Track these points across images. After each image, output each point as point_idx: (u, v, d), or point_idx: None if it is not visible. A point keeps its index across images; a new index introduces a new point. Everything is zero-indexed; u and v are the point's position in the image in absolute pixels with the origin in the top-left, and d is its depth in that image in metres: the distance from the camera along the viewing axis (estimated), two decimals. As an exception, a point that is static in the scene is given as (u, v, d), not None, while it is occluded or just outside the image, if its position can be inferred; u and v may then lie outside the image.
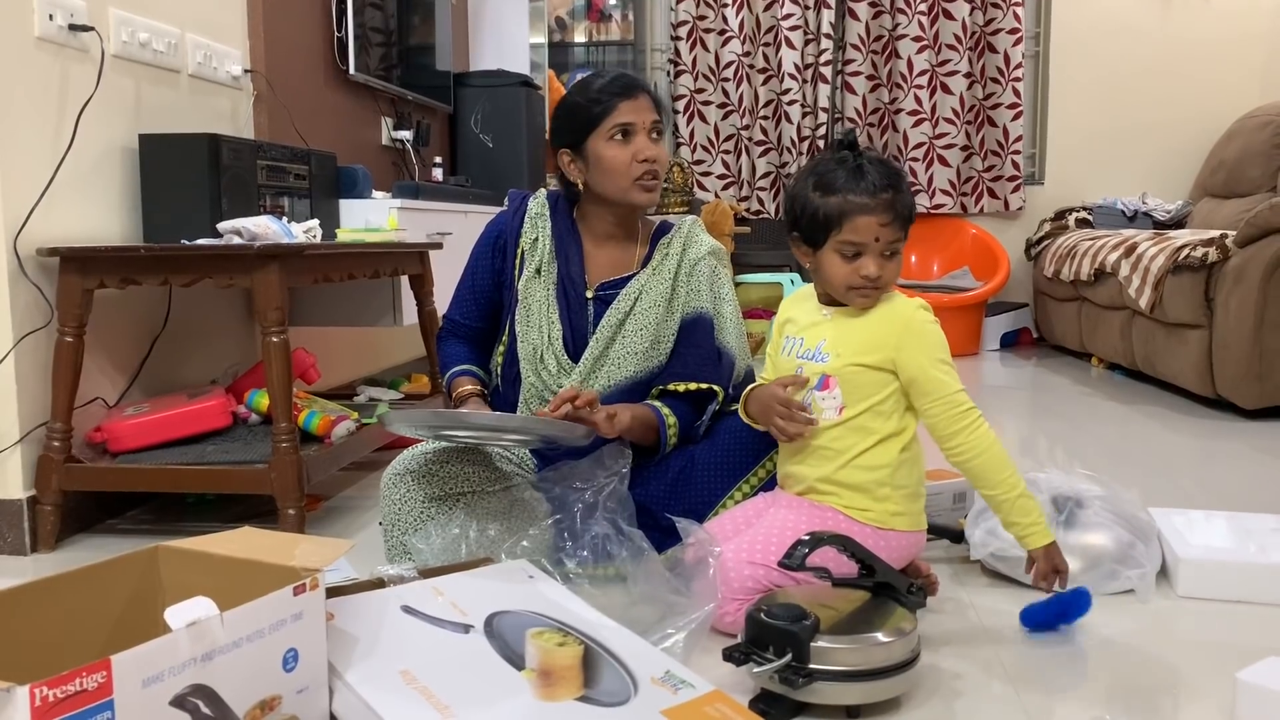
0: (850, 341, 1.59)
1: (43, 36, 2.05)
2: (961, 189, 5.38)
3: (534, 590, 1.42)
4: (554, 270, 1.91)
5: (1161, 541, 1.82)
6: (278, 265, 2.01)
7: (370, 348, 3.57)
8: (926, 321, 1.60)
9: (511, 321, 1.90)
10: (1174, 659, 1.53)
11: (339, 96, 3.34)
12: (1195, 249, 3.40)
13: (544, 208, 1.97)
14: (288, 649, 1.11)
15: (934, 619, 1.64)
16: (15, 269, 1.99)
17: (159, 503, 2.37)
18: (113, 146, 2.26)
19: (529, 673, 1.21)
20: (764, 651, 1.30)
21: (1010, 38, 5.18)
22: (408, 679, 1.17)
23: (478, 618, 1.30)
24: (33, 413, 2.05)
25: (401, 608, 1.30)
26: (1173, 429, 3.19)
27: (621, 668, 1.23)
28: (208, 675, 1.02)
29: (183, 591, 1.21)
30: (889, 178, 1.56)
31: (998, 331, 5.20)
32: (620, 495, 1.70)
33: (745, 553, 1.54)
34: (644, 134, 1.83)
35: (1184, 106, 5.22)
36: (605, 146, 1.83)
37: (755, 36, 5.35)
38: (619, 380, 1.86)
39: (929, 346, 1.59)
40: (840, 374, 1.59)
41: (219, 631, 1.03)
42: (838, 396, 1.59)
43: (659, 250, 1.93)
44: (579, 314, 1.90)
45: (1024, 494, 1.55)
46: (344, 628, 1.24)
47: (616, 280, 1.91)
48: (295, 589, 1.11)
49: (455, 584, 1.39)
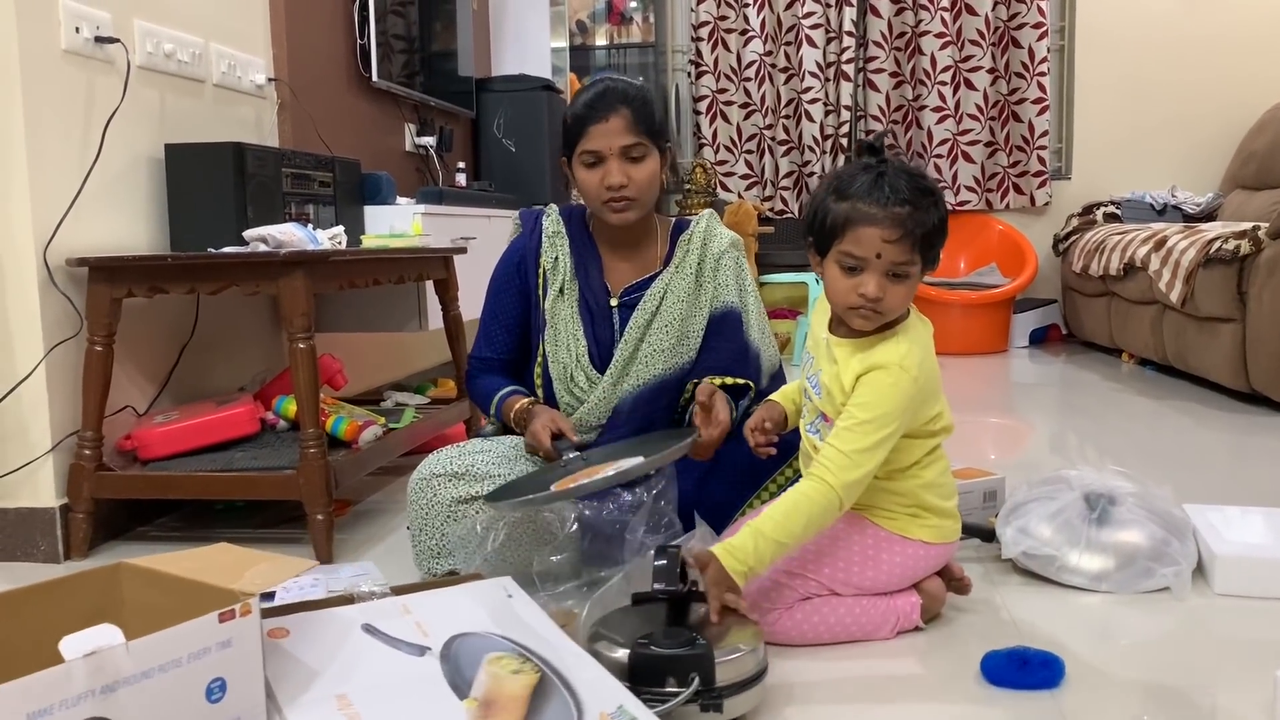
0: (834, 383, 1.52)
1: (69, 49, 2.07)
2: (986, 185, 5.34)
3: (508, 611, 1.36)
4: (575, 287, 1.90)
5: (1197, 538, 1.80)
6: (303, 272, 2.02)
7: (396, 353, 3.58)
8: (899, 380, 1.47)
9: (543, 342, 1.90)
10: (1212, 657, 1.50)
11: (362, 103, 3.35)
12: (1227, 241, 3.35)
13: (559, 224, 1.94)
14: (212, 679, 1.06)
15: (966, 619, 1.63)
16: (45, 279, 2.01)
17: (189, 509, 2.38)
18: (139, 157, 2.28)
19: (471, 702, 1.16)
20: (659, 688, 1.24)
21: (1034, 32, 5.13)
22: (342, 704, 1.13)
23: (438, 640, 1.26)
24: (64, 421, 2.07)
25: (363, 626, 1.27)
26: (1206, 424, 3.15)
27: (572, 701, 1.18)
28: (110, 708, 0.97)
29: (142, 610, 1.19)
30: (909, 192, 1.44)
31: (1026, 328, 5.16)
32: (669, 495, 1.70)
33: (781, 561, 1.51)
34: (614, 159, 1.77)
35: (1213, 97, 5.15)
36: (578, 168, 1.81)
37: (777, 35, 5.33)
38: (647, 380, 1.85)
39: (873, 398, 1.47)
40: (831, 415, 1.53)
41: (124, 661, 0.98)
42: None
43: (680, 247, 1.91)
44: (603, 325, 1.89)
45: (774, 545, 1.42)
46: (293, 648, 1.20)
47: (640, 283, 1.90)
48: (221, 615, 1.06)
49: (425, 602, 1.35)
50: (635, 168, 1.79)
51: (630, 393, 1.84)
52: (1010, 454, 2.92)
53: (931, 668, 1.48)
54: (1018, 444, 3.11)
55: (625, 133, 1.77)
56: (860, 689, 1.41)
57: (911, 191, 1.44)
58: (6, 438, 2.04)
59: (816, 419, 1.59)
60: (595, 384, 1.85)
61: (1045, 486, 1.91)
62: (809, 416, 1.62)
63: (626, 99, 1.79)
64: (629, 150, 1.78)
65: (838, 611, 1.53)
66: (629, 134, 1.77)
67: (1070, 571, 1.75)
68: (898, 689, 1.42)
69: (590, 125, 1.77)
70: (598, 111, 1.77)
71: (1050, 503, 1.83)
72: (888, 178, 1.45)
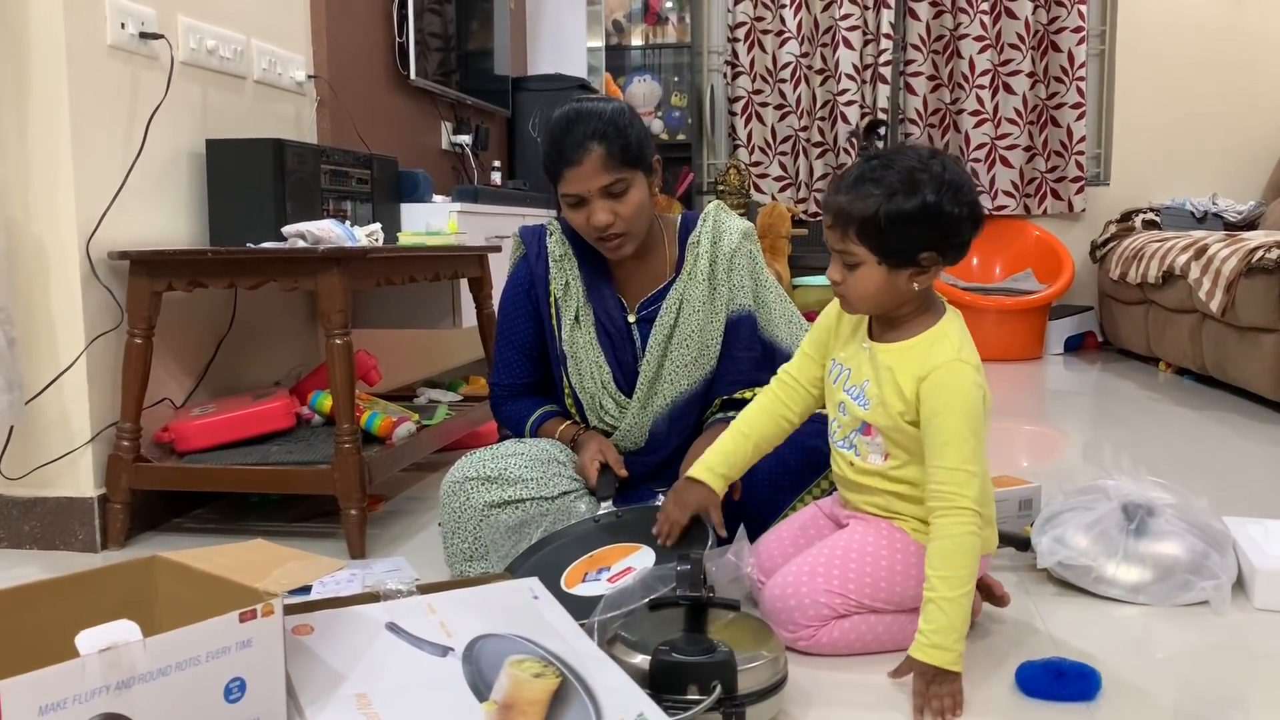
0: (887, 391, 1.46)
1: (115, 44, 2.09)
2: (1024, 190, 5.29)
3: (533, 612, 1.35)
4: (590, 311, 1.87)
5: (1237, 552, 1.77)
6: (341, 268, 2.03)
7: (430, 350, 3.60)
8: (962, 372, 1.42)
9: (566, 374, 1.88)
10: (1251, 673, 1.48)
11: (400, 101, 3.37)
12: (1270, 250, 3.30)
13: (564, 245, 1.89)
14: (231, 678, 1.05)
15: (1000, 630, 1.61)
16: (87, 272, 2.04)
17: (224, 502, 2.40)
18: (180, 152, 2.30)
19: (490, 705, 1.15)
20: (680, 695, 1.23)
21: (1074, 36, 5.08)
22: (361, 703, 1.13)
23: (461, 640, 1.26)
24: (103, 413, 2.09)
25: (387, 625, 1.27)
26: (1245, 436, 3.10)
27: (592, 706, 1.17)
28: (125, 704, 0.96)
29: (174, 604, 1.20)
30: (854, 180, 1.41)
31: (1062, 335, 5.10)
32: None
33: (821, 579, 1.49)
34: (595, 200, 1.71)
35: (1255, 104, 5.08)
36: (565, 208, 1.77)
37: (813, 37, 5.31)
38: (674, 398, 1.85)
39: (947, 401, 1.41)
40: (880, 426, 1.49)
41: (140, 658, 0.97)
42: (880, 445, 1.50)
43: (689, 251, 1.87)
44: (624, 346, 1.87)
45: (960, 600, 1.35)
46: (317, 645, 1.20)
47: (655, 294, 1.88)
48: (242, 615, 1.05)
49: (450, 602, 1.34)
50: (619, 203, 1.73)
51: (662, 411, 1.84)
52: (1045, 462, 2.89)
53: (965, 677, 1.46)
54: (1052, 452, 3.08)
55: (601, 172, 1.70)
56: (883, 696, 1.40)
57: (856, 179, 1.41)
58: (48, 428, 2.06)
59: (853, 433, 1.53)
60: (625, 409, 1.85)
61: (1082, 496, 1.88)
62: (844, 430, 1.55)
63: (597, 134, 1.70)
64: (609, 188, 1.71)
65: (875, 630, 1.51)
66: (605, 173, 1.70)
67: (1107, 583, 1.73)
68: (931, 697, 1.41)
69: (564, 170, 1.71)
70: (569, 155, 1.70)
71: (1087, 512, 1.81)
72: (856, 165, 1.44)
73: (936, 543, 1.38)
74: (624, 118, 1.74)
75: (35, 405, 2.04)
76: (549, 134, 1.76)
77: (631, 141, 1.73)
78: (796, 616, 1.49)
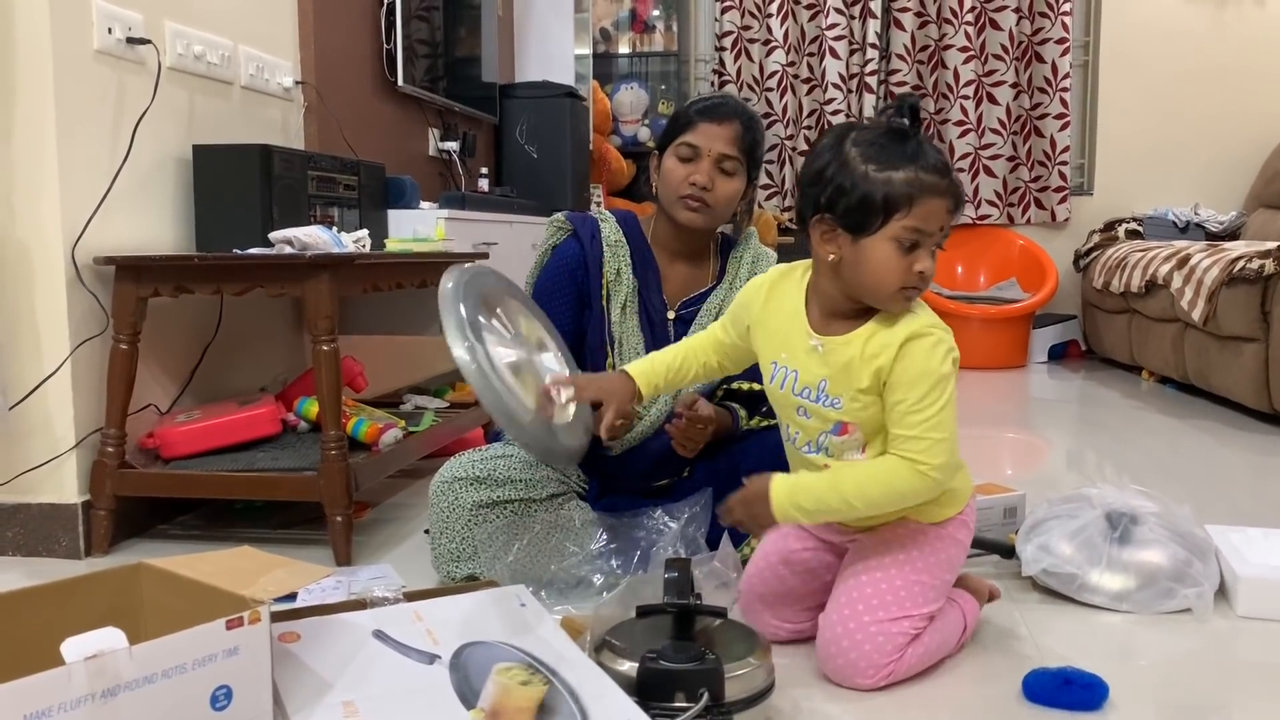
0: (850, 375, 1.39)
1: (101, 49, 2.09)
2: (1008, 200, 5.32)
3: (520, 620, 1.35)
4: (637, 300, 1.93)
5: (1220, 559, 1.79)
6: (329, 275, 2.03)
7: (416, 356, 3.59)
8: (941, 341, 1.37)
9: (613, 357, 1.91)
10: (1233, 680, 1.49)
11: (387, 107, 3.37)
12: (1251, 261, 3.33)
13: (618, 233, 1.94)
14: (217, 686, 1.05)
15: (984, 636, 1.62)
16: (73, 277, 2.03)
17: (209, 508, 2.39)
18: (167, 157, 2.30)
19: (477, 712, 1.15)
20: (667, 702, 1.23)
21: (1058, 47, 5.12)
22: (348, 711, 1.13)
23: (448, 647, 1.26)
24: (88, 418, 2.08)
25: (373, 632, 1.27)
26: (1227, 444, 3.12)
27: (579, 714, 1.18)
28: (111, 712, 0.96)
29: (160, 611, 1.19)
30: (945, 158, 1.36)
31: (1045, 344, 5.14)
32: (702, 520, 1.72)
33: (881, 611, 1.42)
34: (708, 160, 1.81)
35: (1238, 115, 5.13)
36: (670, 158, 1.85)
37: (800, 47, 5.33)
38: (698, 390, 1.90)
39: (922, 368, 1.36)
40: (857, 417, 1.41)
41: (126, 666, 0.97)
42: (858, 439, 1.43)
43: (731, 263, 1.97)
44: (662, 339, 1.91)
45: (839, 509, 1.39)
46: (303, 652, 1.20)
47: (695, 297, 1.94)
48: (229, 623, 1.05)
49: (437, 609, 1.34)
50: (723, 180, 1.83)
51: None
52: (1029, 470, 2.91)
53: (968, 679, 1.47)
54: (1036, 460, 3.09)
55: (730, 142, 1.81)
56: (871, 701, 1.40)
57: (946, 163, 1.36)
58: (31, 433, 2.05)
59: (822, 435, 1.45)
60: (654, 400, 1.88)
61: (1066, 504, 1.90)
62: (808, 434, 1.47)
63: (744, 117, 1.84)
64: (725, 159, 1.81)
65: (943, 632, 1.48)
66: (732, 145, 1.81)
67: (1091, 590, 1.74)
68: (913, 700, 1.41)
69: (702, 122, 1.81)
70: (713, 112, 1.82)
71: (1071, 520, 1.83)
72: (925, 144, 1.35)
73: (873, 466, 1.39)
74: (761, 128, 1.90)
75: (19, 411, 2.03)
76: (698, 98, 1.89)
77: (759, 144, 1.88)
78: (875, 659, 1.41)
